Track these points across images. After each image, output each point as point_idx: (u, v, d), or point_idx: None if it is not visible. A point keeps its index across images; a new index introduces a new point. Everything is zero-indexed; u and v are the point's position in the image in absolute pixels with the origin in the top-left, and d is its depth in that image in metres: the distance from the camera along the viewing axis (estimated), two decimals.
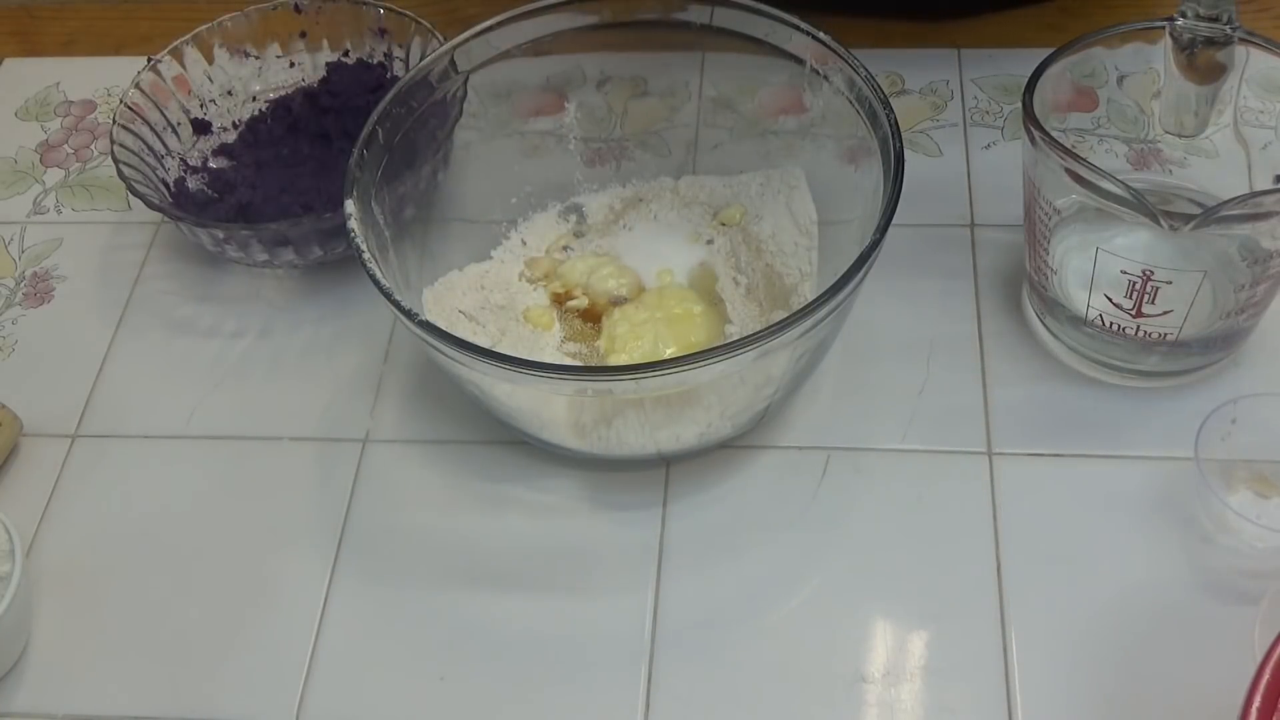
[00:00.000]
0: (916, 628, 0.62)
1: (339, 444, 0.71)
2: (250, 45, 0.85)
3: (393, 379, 0.74)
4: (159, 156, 0.81)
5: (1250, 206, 0.59)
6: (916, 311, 0.73)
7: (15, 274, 0.82)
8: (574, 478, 0.69)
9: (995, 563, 0.64)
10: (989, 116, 0.83)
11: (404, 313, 0.61)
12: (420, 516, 0.68)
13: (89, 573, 0.68)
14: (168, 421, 0.73)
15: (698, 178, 0.78)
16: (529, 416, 0.65)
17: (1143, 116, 0.71)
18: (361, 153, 0.67)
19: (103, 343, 0.77)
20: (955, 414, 0.69)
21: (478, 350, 0.60)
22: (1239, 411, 0.63)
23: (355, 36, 0.85)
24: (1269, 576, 0.61)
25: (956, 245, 0.76)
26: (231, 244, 0.74)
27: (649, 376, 0.59)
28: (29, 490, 0.71)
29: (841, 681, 0.61)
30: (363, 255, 0.64)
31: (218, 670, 0.64)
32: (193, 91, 0.83)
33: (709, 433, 0.65)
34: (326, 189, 0.78)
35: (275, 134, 0.84)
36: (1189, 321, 0.65)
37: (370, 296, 0.64)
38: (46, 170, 0.88)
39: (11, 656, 0.64)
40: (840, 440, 0.69)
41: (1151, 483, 0.66)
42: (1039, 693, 0.60)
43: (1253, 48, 0.65)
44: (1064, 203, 0.65)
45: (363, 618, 0.65)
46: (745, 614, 0.64)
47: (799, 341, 0.61)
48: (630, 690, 0.61)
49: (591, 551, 0.66)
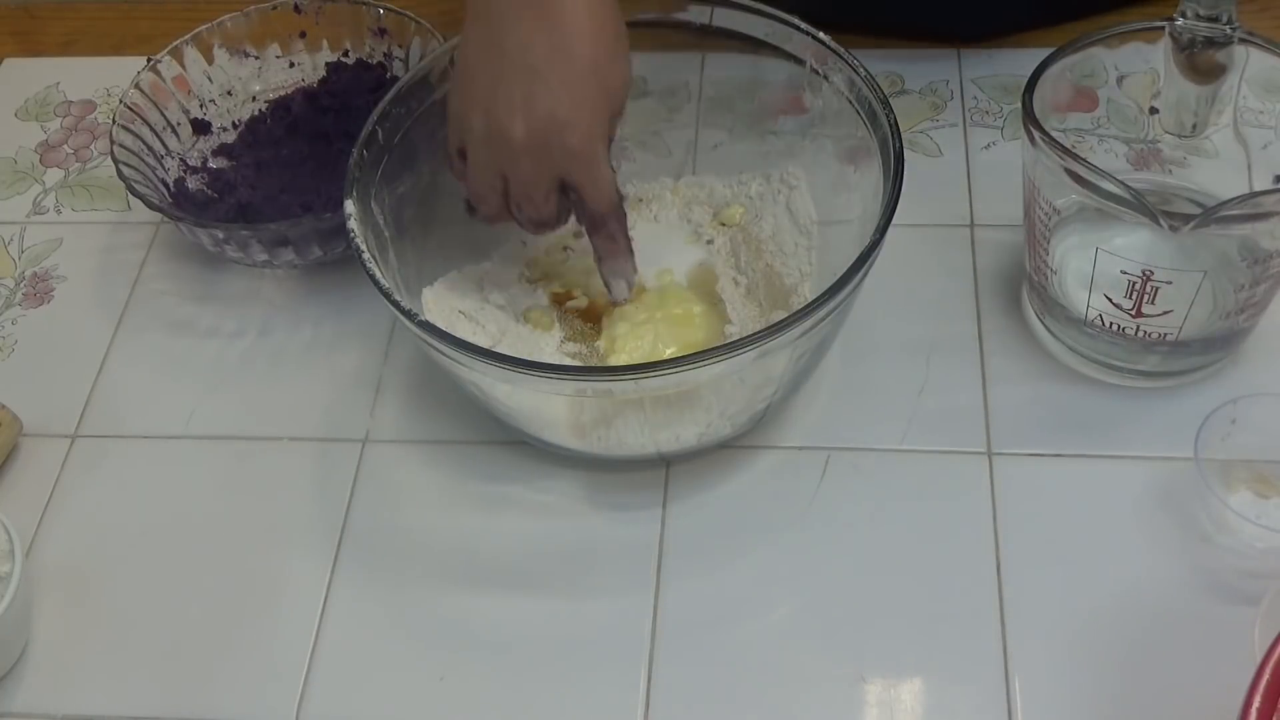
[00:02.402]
0: (916, 628, 0.62)
1: (339, 444, 0.71)
2: (250, 45, 0.85)
3: (393, 379, 0.74)
4: (159, 156, 0.81)
5: (1250, 206, 0.59)
6: (916, 311, 0.73)
7: (15, 274, 0.82)
8: (574, 478, 0.69)
9: (995, 563, 0.64)
10: (989, 116, 0.83)
11: (404, 313, 0.61)
12: (420, 516, 0.68)
13: (89, 573, 0.68)
14: (168, 421, 0.73)
15: (698, 178, 0.78)
16: (529, 416, 0.65)
17: (1143, 116, 0.70)
18: (361, 153, 0.67)
19: (102, 343, 0.77)
20: (955, 414, 0.69)
21: (477, 350, 0.60)
22: (1239, 411, 0.63)
23: (355, 36, 0.85)
24: (1269, 576, 0.61)
25: (956, 245, 0.76)
26: (231, 244, 0.74)
27: (649, 376, 0.59)
28: (29, 490, 0.71)
29: (841, 681, 0.61)
30: (362, 255, 0.64)
31: (218, 670, 0.64)
32: (193, 91, 0.83)
33: (709, 433, 0.65)
34: (326, 189, 0.78)
35: (275, 134, 0.84)
36: (1189, 321, 0.65)
37: (370, 296, 0.64)
38: (46, 170, 0.88)
39: (11, 656, 0.64)
40: (840, 440, 0.69)
41: (1151, 483, 0.66)
42: (1039, 693, 0.60)
43: (1253, 48, 0.65)
44: (1064, 203, 0.65)
45: (363, 618, 0.65)
46: (745, 614, 0.64)
47: (799, 342, 0.61)
48: (630, 690, 0.61)
49: (591, 551, 0.66)
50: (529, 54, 0.61)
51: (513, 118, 0.62)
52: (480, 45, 0.63)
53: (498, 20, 0.62)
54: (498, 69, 0.62)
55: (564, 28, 0.61)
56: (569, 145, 0.63)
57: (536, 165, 0.64)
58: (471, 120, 0.64)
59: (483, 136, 0.64)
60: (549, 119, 0.62)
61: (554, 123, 0.62)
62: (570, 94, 0.62)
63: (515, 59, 0.62)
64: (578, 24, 0.62)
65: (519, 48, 0.62)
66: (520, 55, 0.62)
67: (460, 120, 0.65)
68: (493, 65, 0.63)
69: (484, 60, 0.63)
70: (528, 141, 0.62)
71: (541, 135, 0.62)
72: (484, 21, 0.63)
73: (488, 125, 0.63)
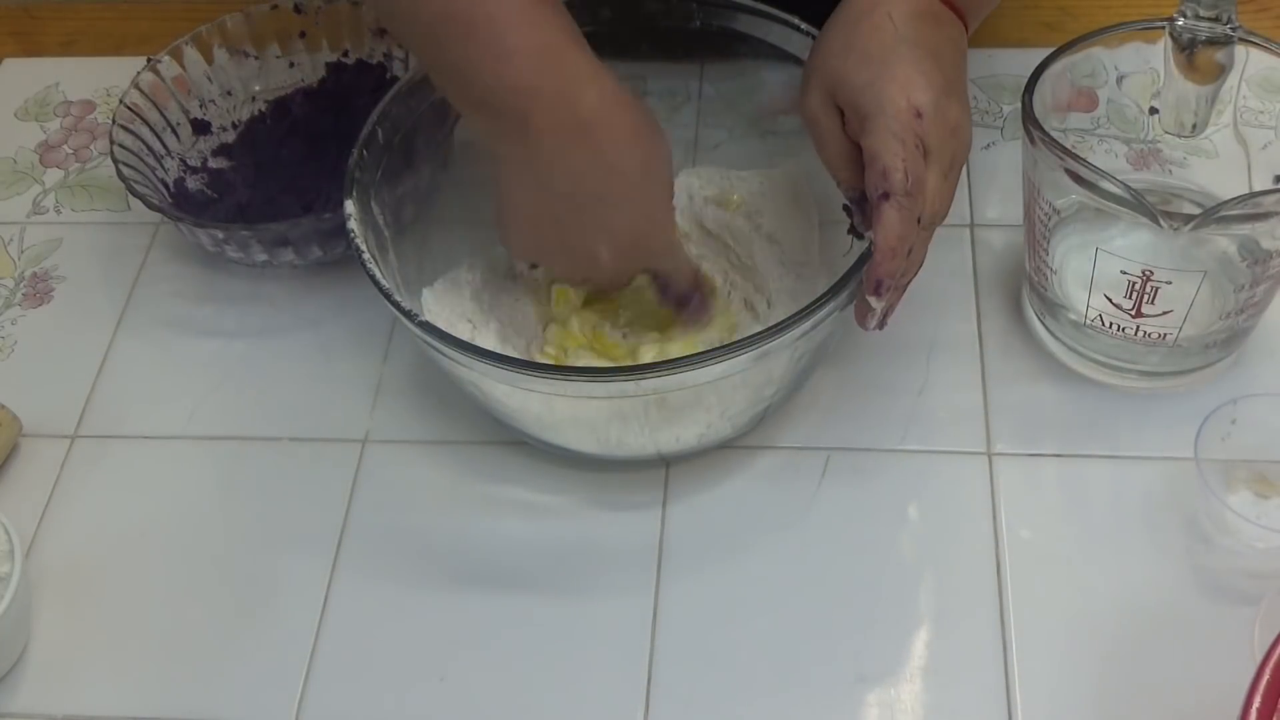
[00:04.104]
0: (916, 628, 0.63)
1: (339, 444, 0.71)
2: (250, 45, 0.85)
3: (393, 379, 0.74)
4: (159, 157, 0.81)
5: (1250, 206, 0.59)
6: (916, 311, 0.73)
7: (15, 274, 0.82)
8: (574, 478, 0.69)
9: (995, 563, 0.64)
10: (989, 116, 0.83)
11: (404, 313, 0.61)
12: (420, 516, 0.68)
13: (89, 573, 0.68)
14: (168, 421, 0.73)
15: (697, 169, 0.78)
16: (529, 416, 0.65)
17: (1143, 116, 0.71)
18: (361, 153, 0.67)
19: (103, 343, 0.77)
20: (955, 414, 0.69)
21: (478, 351, 0.60)
22: (1239, 411, 0.63)
23: (355, 36, 0.85)
24: (1269, 577, 0.61)
25: (956, 245, 0.76)
26: (231, 244, 0.74)
27: (649, 377, 0.59)
28: (29, 490, 0.71)
29: (841, 681, 0.61)
30: (362, 255, 0.64)
31: (218, 670, 0.64)
32: (192, 92, 0.83)
33: (709, 433, 0.65)
34: (326, 189, 0.78)
35: (275, 134, 0.84)
36: (1189, 321, 0.65)
37: (370, 297, 0.64)
38: (46, 170, 0.88)
39: (11, 656, 0.64)
40: (840, 440, 0.69)
41: (1151, 483, 0.66)
42: (1039, 693, 0.60)
43: (1253, 48, 0.65)
44: (1064, 203, 0.65)
45: (363, 618, 0.65)
46: (745, 614, 0.64)
47: (799, 342, 0.61)
48: (630, 690, 0.61)
49: (591, 552, 0.66)
50: (586, 183, 0.61)
51: (595, 247, 0.64)
52: (530, 189, 0.62)
53: (543, 163, 0.61)
54: (561, 209, 0.62)
55: (610, 147, 0.61)
56: (653, 249, 0.66)
57: (624, 271, 0.66)
58: (550, 258, 0.66)
59: (566, 268, 0.67)
60: (629, 235, 0.64)
61: (634, 236, 0.64)
62: (637, 206, 0.63)
63: (571, 191, 0.61)
64: (620, 138, 0.61)
65: (572, 178, 0.61)
66: (577, 186, 0.61)
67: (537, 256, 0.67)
68: (555, 207, 0.62)
69: (542, 203, 0.62)
70: (614, 261, 0.64)
71: (627, 251, 0.65)
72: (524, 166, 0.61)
73: (571, 259, 0.65)
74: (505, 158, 0.62)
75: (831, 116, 0.61)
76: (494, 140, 0.62)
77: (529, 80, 0.59)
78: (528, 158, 0.61)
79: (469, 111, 0.62)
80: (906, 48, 0.58)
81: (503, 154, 0.62)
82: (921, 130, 0.57)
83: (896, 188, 0.56)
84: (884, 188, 0.56)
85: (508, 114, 0.60)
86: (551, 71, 0.59)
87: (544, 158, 0.61)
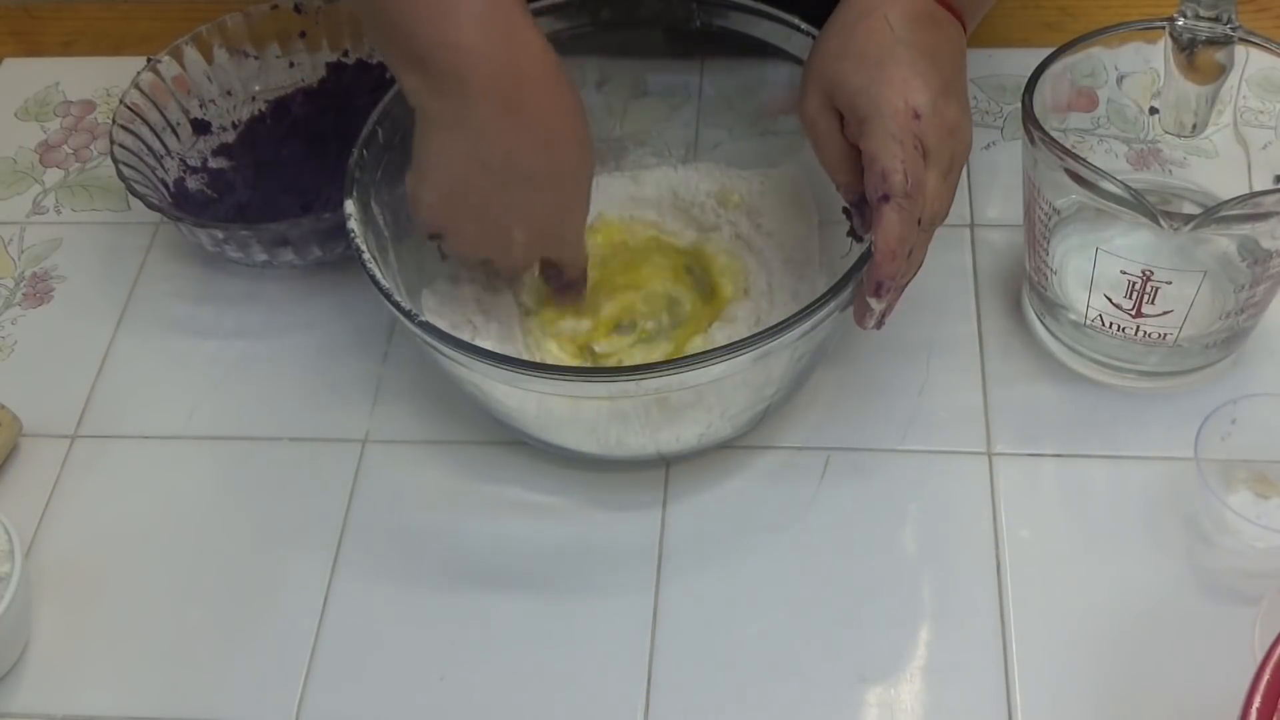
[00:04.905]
0: (916, 628, 0.63)
1: (339, 444, 0.71)
2: (250, 45, 0.85)
3: (392, 379, 0.74)
4: (158, 157, 0.81)
5: (1250, 206, 0.59)
6: (916, 311, 0.73)
7: (15, 274, 0.82)
8: (574, 478, 0.69)
9: (995, 563, 0.64)
10: (989, 116, 0.83)
11: (404, 313, 0.61)
12: (420, 516, 0.68)
13: (89, 573, 0.68)
14: (168, 421, 0.73)
15: (696, 165, 0.78)
16: (529, 417, 0.65)
17: (1143, 116, 0.71)
18: (361, 153, 0.67)
19: (102, 343, 0.77)
20: (955, 414, 0.69)
21: (478, 351, 0.60)
22: (1239, 411, 0.63)
23: (355, 36, 0.85)
24: (1269, 576, 0.61)
25: (956, 245, 0.76)
26: (231, 244, 0.74)
27: (649, 377, 0.59)
28: (29, 490, 0.71)
29: (842, 681, 0.61)
30: (363, 255, 0.64)
31: (218, 670, 0.64)
32: (192, 92, 0.83)
33: (709, 433, 0.65)
34: (326, 189, 0.78)
35: (275, 134, 0.84)
36: (1189, 322, 0.65)
37: (370, 297, 0.64)
38: (46, 170, 0.88)
39: (11, 656, 0.64)
40: (840, 440, 0.69)
41: (1151, 483, 0.66)
42: (1039, 693, 0.60)
43: (1253, 48, 0.65)
44: (1064, 203, 0.65)
45: (363, 617, 0.65)
46: (745, 614, 0.64)
47: (799, 342, 0.61)
48: (630, 690, 0.61)
49: (591, 552, 0.66)
50: (517, 159, 0.60)
51: (512, 227, 0.63)
52: (458, 154, 0.60)
53: (475, 129, 0.59)
54: (487, 181, 0.61)
55: (547, 126, 0.60)
56: (563, 238, 0.66)
57: (530, 256, 0.66)
58: (460, 229, 0.64)
59: (473, 243, 0.65)
60: (548, 221, 0.64)
61: (550, 224, 0.64)
62: (559, 196, 0.63)
63: (501, 166, 0.60)
64: (558, 118, 0.61)
65: (504, 153, 0.60)
66: (507, 161, 0.60)
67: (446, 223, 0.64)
68: (481, 178, 0.61)
69: (468, 170, 0.61)
70: (527, 244, 0.64)
71: (539, 237, 0.64)
72: (453, 129, 0.60)
73: (482, 234, 0.64)
74: (435, 118, 0.60)
75: (830, 119, 0.60)
76: (426, 97, 0.60)
77: (472, 40, 0.57)
78: (459, 120, 0.59)
79: (406, 69, 0.60)
80: (904, 50, 0.58)
81: (433, 113, 0.60)
82: (920, 131, 0.57)
83: (896, 189, 0.56)
84: (883, 190, 0.56)
85: (447, 72, 0.58)
86: (497, 35, 0.58)
87: (477, 124, 0.59)
